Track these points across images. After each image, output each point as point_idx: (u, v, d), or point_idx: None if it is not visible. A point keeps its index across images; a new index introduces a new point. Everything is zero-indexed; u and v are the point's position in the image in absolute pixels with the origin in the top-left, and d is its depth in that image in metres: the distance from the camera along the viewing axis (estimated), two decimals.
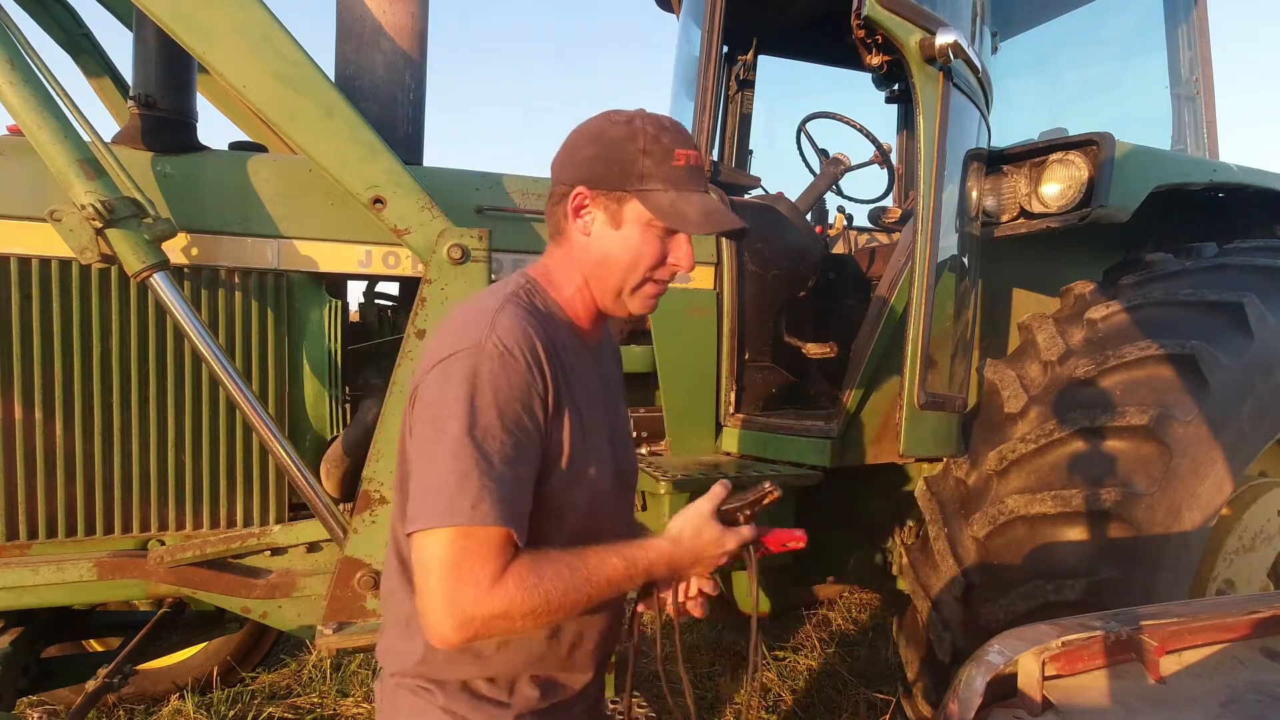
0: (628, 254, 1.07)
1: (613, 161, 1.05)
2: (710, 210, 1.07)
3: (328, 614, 1.78)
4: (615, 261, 1.08)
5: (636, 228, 1.06)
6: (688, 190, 1.06)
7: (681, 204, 1.05)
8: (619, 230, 1.07)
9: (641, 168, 1.04)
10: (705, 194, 1.09)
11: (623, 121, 1.07)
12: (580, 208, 1.09)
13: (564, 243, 1.14)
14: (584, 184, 1.08)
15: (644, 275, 1.08)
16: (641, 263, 1.07)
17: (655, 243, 1.07)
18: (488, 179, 2.15)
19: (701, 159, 1.10)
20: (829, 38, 3.17)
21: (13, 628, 1.99)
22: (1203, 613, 1.24)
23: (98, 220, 1.54)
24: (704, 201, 1.07)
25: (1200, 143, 3.15)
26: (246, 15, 1.65)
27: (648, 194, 1.05)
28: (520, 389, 0.97)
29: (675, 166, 1.06)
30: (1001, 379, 2.24)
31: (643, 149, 1.05)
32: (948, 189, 2.16)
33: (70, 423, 1.74)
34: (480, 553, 0.91)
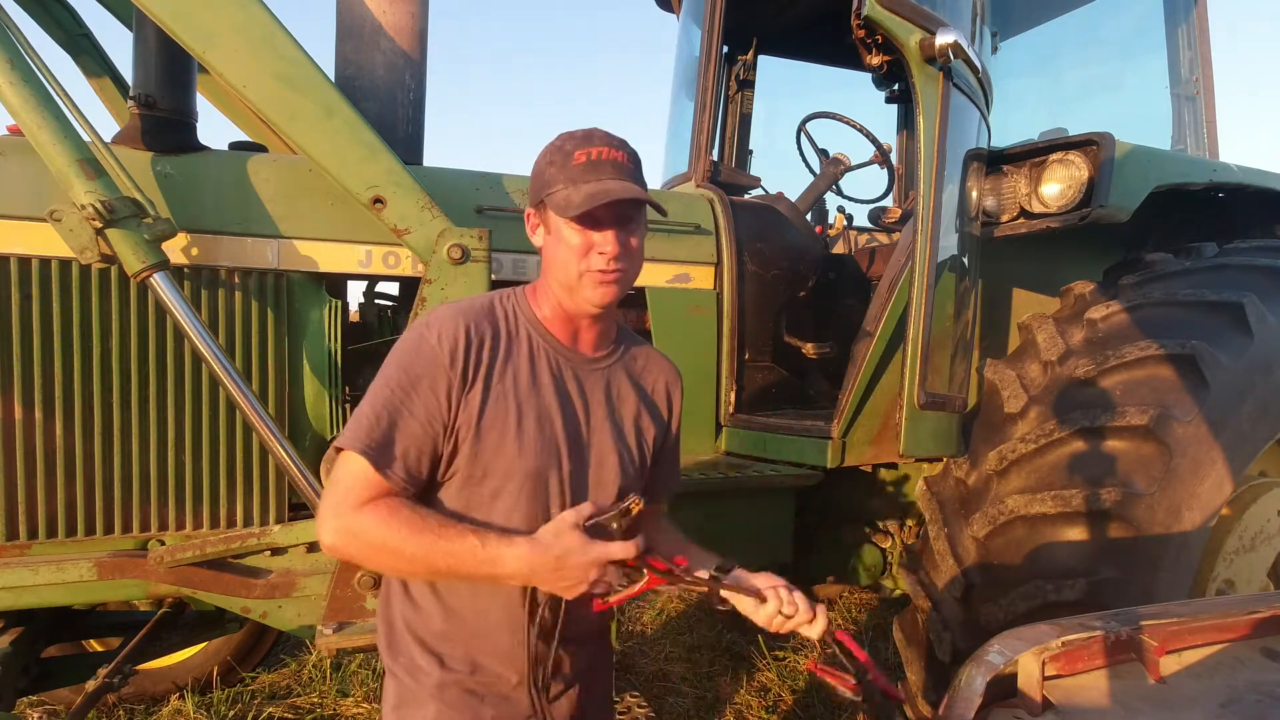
0: (559, 252, 1.17)
1: (536, 179, 1.20)
2: (594, 191, 1.12)
3: (328, 614, 1.78)
4: (554, 261, 1.19)
5: (560, 227, 1.16)
6: (582, 182, 1.13)
7: (572, 194, 1.12)
8: (551, 234, 1.19)
9: (548, 176, 1.16)
10: (602, 181, 1.14)
11: (547, 146, 1.20)
12: (533, 227, 1.24)
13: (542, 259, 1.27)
14: (530, 206, 1.24)
15: (579, 267, 1.15)
16: (571, 255, 1.15)
17: (578, 235, 1.14)
18: (488, 179, 2.16)
19: (612, 153, 1.16)
20: (829, 38, 3.17)
21: (13, 628, 1.99)
22: (1203, 613, 1.24)
23: (98, 220, 1.54)
24: (592, 187, 1.12)
25: (1200, 143, 3.15)
26: (246, 15, 1.65)
27: (552, 195, 1.15)
28: (426, 362, 1.14)
29: (573, 166, 1.14)
30: (1001, 379, 2.24)
31: (549, 160, 1.17)
32: (948, 189, 2.16)
33: (70, 423, 1.74)
34: (357, 475, 1.11)
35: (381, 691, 1.30)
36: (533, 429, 1.18)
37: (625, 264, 1.18)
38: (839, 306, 2.94)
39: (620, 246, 1.15)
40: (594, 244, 1.15)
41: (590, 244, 1.15)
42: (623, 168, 1.17)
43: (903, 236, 2.49)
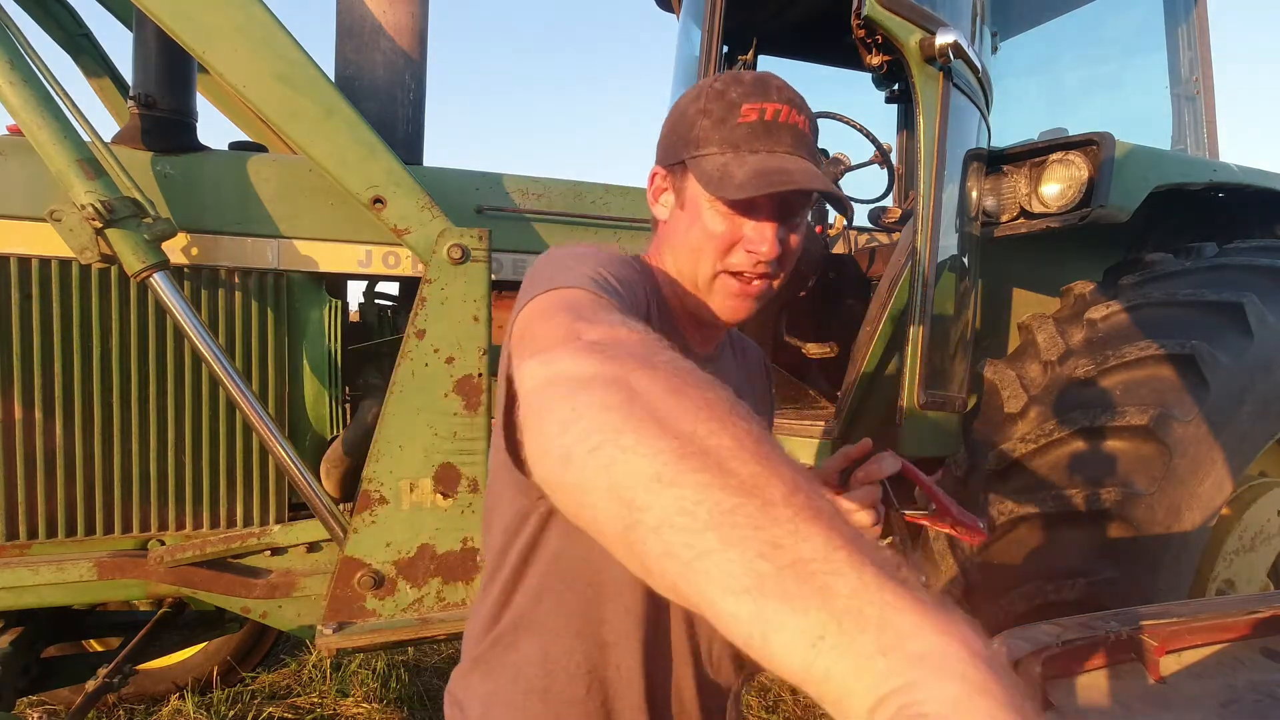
0: (692, 236, 0.87)
1: (676, 130, 0.89)
2: (766, 171, 0.81)
3: (328, 614, 1.78)
4: (682, 246, 0.89)
5: (700, 203, 0.86)
6: (748, 150, 0.83)
7: (733, 166, 0.82)
8: (684, 210, 0.88)
9: (699, 131, 0.85)
10: (777, 154, 0.83)
11: (698, 85, 0.90)
12: (657, 191, 0.93)
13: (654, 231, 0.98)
14: (659, 163, 0.92)
15: (714, 263, 0.87)
16: (708, 246, 0.86)
17: (724, 220, 0.85)
18: (488, 179, 2.15)
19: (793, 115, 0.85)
20: (829, 38, 3.17)
21: (13, 628, 1.98)
22: (1203, 613, 1.24)
23: (98, 220, 1.54)
24: (763, 161, 0.82)
25: (1200, 143, 3.14)
26: (246, 15, 1.65)
27: (700, 160, 0.85)
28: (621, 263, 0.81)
29: (739, 124, 0.84)
30: (1001, 379, 2.24)
31: (702, 107, 0.86)
32: (948, 189, 2.16)
33: (70, 423, 1.74)
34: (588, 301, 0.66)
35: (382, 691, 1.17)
36: None
37: (775, 269, 0.88)
38: (839, 306, 2.94)
39: (779, 246, 0.85)
40: (743, 237, 0.85)
41: (738, 235, 0.85)
42: (803, 139, 0.86)
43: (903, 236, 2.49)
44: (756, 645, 0.37)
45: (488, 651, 0.94)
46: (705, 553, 0.39)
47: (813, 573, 0.36)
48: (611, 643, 0.89)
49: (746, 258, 0.86)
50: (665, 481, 0.41)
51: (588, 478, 0.44)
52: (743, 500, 0.40)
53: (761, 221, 0.85)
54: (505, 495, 0.90)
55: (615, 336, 0.56)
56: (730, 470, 0.41)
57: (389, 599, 1.80)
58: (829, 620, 0.35)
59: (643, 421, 0.44)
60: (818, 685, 0.36)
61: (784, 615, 0.36)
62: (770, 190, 0.80)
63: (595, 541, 0.50)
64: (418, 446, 1.77)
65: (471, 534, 1.84)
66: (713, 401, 0.48)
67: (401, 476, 1.77)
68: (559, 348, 0.54)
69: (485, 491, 0.96)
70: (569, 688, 0.88)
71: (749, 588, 0.37)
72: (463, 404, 1.79)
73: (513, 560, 0.91)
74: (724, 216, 0.85)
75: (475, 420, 1.80)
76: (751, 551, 0.38)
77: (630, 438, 0.44)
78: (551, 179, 2.18)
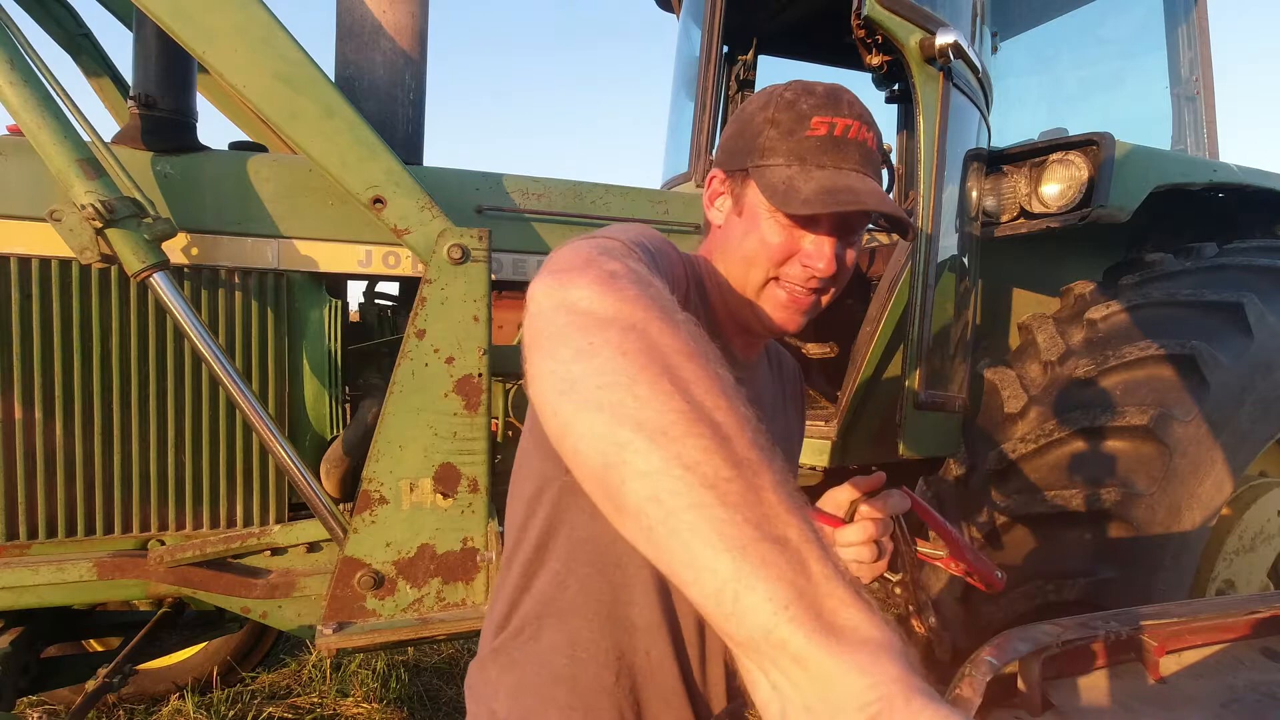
0: (748, 243, 0.87)
1: (741, 136, 0.89)
2: (833, 188, 0.81)
3: (328, 614, 1.78)
4: (735, 252, 0.89)
5: (760, 212, 0.86)
6: (815, 166, 0.83)
7: (799, 180, 0.82)
8: (742, 217, 0.89)
9: (765, 140, 0.85)
10: (844, 171, 0.83)
11: (767, 91, 0.90)
12: (714, 195, 0.94)
13: (706, 235, 0.99)
14: (719, 166, 0.93)
15: (767, 272, 0.87)
16: (762, 254, 0.86)
17: (782, 231, 0.85)
18: (488, 179, 2.15)
19: (862, 131, 0.85)
20: (829, 38, 3.17)
21: (13, 628, 1.98)
22: (1203, 613, 1.24)
23: (98, 220, 1.54)
24: (830, 178, 0.82)
25: (1200, 143, 3.15)
26: (246, 15, 1.65)
27: (764, 170, 0.85)
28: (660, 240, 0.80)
29: (807, 136, 0.83)
30: (1001, 379, 2.25)
31: (770, 118, 0.86)
32: (948, 189, 2.16)
33: (70, 423, 1.74)
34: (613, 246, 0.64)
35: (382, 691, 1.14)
36: None
37: (827, 285, 0.89)
38: (839, 306, 2.94)
39: (837, 262, 0.86)
40: (800, 250, 0.86)
41: (795, 247, 0.86)
42: (870, 156, 0.87)
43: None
44: (726, 600, 0.41)
45: (509, 642, 0.92)
46: (698, 505, 0.42)
47: (793, 551, 0.42)
48: (641, 627, 0.88)
49: (801, 271, 0.86)
50: (671, 437, 0.44)
51: (587, 411, 0.47)
52: (739, 474, 0.44)
53: (821, 236, 0.85)
54: (533, 464, 0.88)
55: (636, 274, 0.57)
56: (732, 447, 0.45)
57: (389, 599, 1.80)
58: (798, 596, 0.40)
59: (658, 377, 0.47)
60: (771, 649, 0.40)
61: (760, 579, 0.40)
62: (836, 209, 0.80)
63: None
64: (418, 446, 1.77)
65: (472, 534, 1.84)
66: (723, 379, 0.50)
67: (401, 476, 1.77)
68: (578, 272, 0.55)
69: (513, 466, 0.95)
70: (599, 675, 0.87)
71: (735, 546, 0.41)
72: (463, 404, 1.79)
73: (533, 537, 0.89)
74: (783, 228, 0.85)
75: (475, 420, 1.80)
76: (742, 517, 0.42)
77: (645, 389, 0.46)
78: (551, 179, 2.19)
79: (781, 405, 1.06)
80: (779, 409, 1.05)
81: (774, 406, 1.03)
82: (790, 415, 1.09)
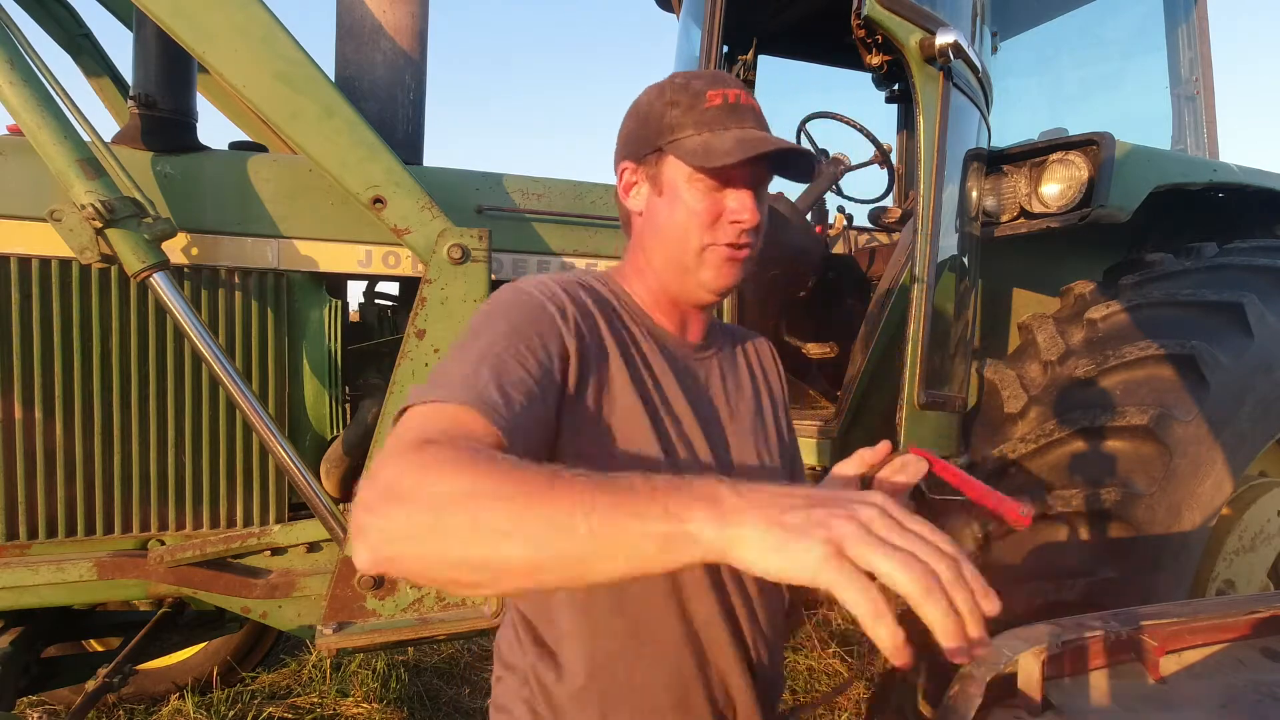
0: (676, 217, 0.93)
1: (645, 125, 0.95)
2: (746, 138, 0.89)
3: (328, 614, 1.78)
4: (666, 230, 0.95)
5: (679, 185, 0.93)
6: (721, 128, 0.91)
7: (714, 141, 0.90)
8: (663, 196, 0.95)
9: (670, 119, 0.93)
10: (746, 129, 0.91)
11: (655, 86, 0.98)
12: (628, 186, 1.00)
13: (629, 232, 1.03)
14: (627, 159, 0.99)
15: (701, 239, 0.93)
16: (693, 223, 0.92)
17: (704, 197, 0.92)
18: (488, 179, 2.16)
19: (749, 100, 0.94)
20: (829, 38, 3.17)
21: (13, 628, 1.99)
22: (1203, 613, 1.24)
23: (98, 220, 1.54)
24: (740, 134, 0.90)
25: (1200, 143, 3.15)
26: (246, 15, 1.65)
27: (678, 142, 0.92)
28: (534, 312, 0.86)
29: (708, 108, 0.92)
30: (1001, 379, 2.24)
31: (670, 101, 0.94)
32: (948, 189, 2.16)
33: (70, 423, 1.74)
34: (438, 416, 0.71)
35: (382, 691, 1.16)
36: (668, 427, 0.92)
37: (756, 239, 0.95)
38: (839, 306, 2.94)
39: (758, 214, 0.93)
40: (726, 209, 0.92)
41: (720, 209, 0.92)
42: (762, 119, 0.95)
43: (903, 236, 2.49)
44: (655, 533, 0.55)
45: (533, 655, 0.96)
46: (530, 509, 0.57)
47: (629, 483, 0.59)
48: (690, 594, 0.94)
49: (731, 229, 0.93)
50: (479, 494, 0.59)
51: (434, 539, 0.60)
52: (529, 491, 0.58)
53: (741, 191, 0.92)
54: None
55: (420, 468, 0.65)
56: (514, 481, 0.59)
57: (389, 599, 1.80)
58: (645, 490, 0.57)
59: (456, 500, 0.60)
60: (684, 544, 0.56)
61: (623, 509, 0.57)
62: (755, 152, 0.87)
63: None
64: None
65: None
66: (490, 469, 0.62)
67: None
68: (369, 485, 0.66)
69: None
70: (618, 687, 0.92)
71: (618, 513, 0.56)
72: None
73: None
74: (704, 194, 0.92)
75: None
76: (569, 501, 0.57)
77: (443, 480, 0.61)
78: (552, 179, 2.19)
79: (749, 381, 1.10)
80: (745, 385, 1.09)
81: (737, 386, 1.08)
82: (764, 389, 1.13)
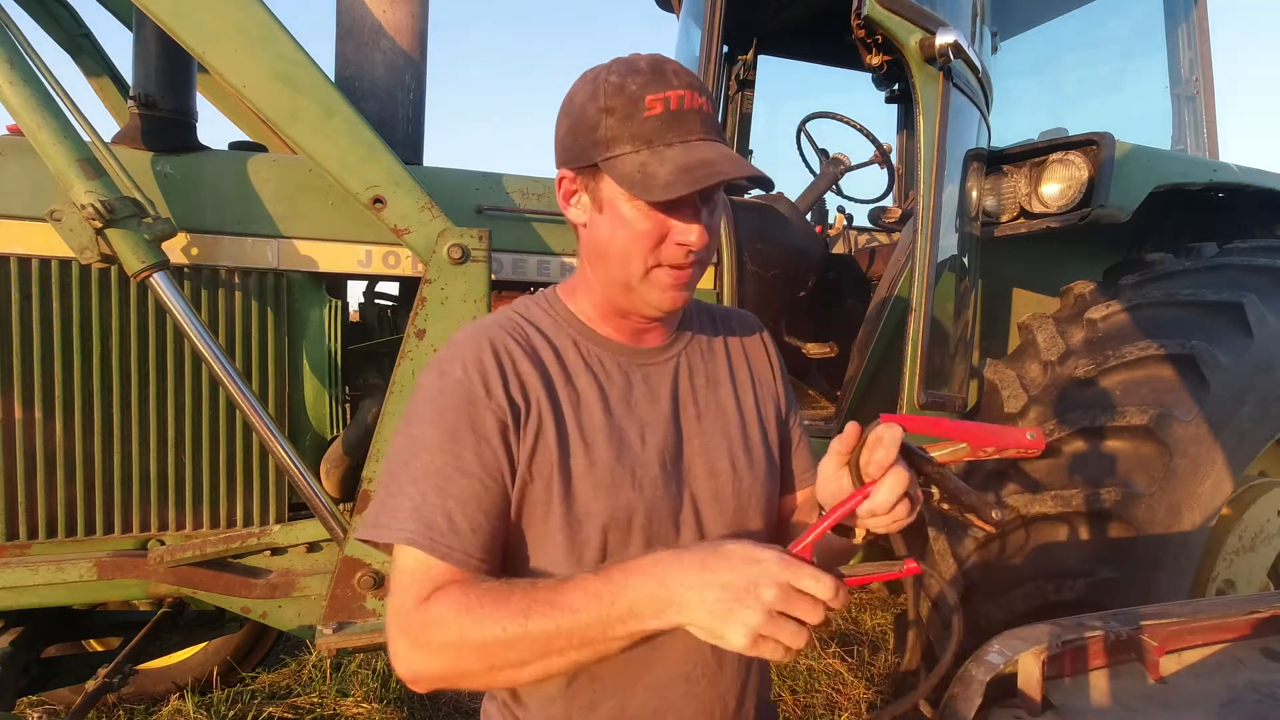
0: (617, 238, 0.86)
1: (580, 132, 0.86)
2: (688, 164, 0.81)
3: (328, 614, 1.78)
4: (608, 250, 0.87)
5: (619, 205, 0.85)
6: (662, 144, 0.82)
7: (653, 164, 0.81)
8: (603, 213, 0.87)
9: (605, 130, 0.83)
10: (691, 144, 0.83)
11: (589, 78, 0.87)
12: (568, 194, 0.91)
13: (577, 239, 0.96)
14: (565, 165, 0.90)
15: (645, 261, 0.86)
16: (636, 246, 0.85)
17: (646, 218, 0.84)
18: (488, 179, 2.15)
19: (695, 99, 0.84)
20: (829, 38, 3.17)
21: (13, 628, 1.99)
22: (1203, 613, 1.24)
23: (98, 220, 1.54)
24: (682, 154, 0.82)
25: (1200, 143, 3.15)
26: (246, 15, 1.65)
27: (614, 162, 0.83)
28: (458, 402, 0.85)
29: (646, 118, 0.82)
30: (1001, 379, 2.24)
31: (605, 107, 0.83)
32: (948, 189, 2.16)
33: (70, 423, 1.74)
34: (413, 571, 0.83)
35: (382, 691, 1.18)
36: (607, 457, 0.89)
37: (705, 255, 0.88)
38: (839, 306, 2.94)
39: (706, 233, 0.86)
40: (670, 231, 0.85)
41: (664, 230, 0.85)
42: (711, 121, 0.86)
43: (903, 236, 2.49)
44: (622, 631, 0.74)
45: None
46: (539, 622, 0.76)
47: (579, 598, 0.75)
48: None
49: (677, 250, 0.86)
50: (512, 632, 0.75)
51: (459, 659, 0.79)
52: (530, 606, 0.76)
53: (685, 211, 0.85)
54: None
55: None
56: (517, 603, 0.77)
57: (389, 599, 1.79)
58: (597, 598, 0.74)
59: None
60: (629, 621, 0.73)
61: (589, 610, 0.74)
62: (699, 186, 0.80)
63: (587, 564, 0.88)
64: None
65: None
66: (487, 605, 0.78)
67: None
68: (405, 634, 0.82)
69: None
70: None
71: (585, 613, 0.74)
72: None
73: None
74: (646, 215, 0.84)
75: None
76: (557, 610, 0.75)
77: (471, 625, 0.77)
78: (551, 179, 2.18)
79: (725, 370, 1.03)
80: (721, 377, 1.02)
81: (709, 381, 1.01)
82: (747, 373, 1.06)
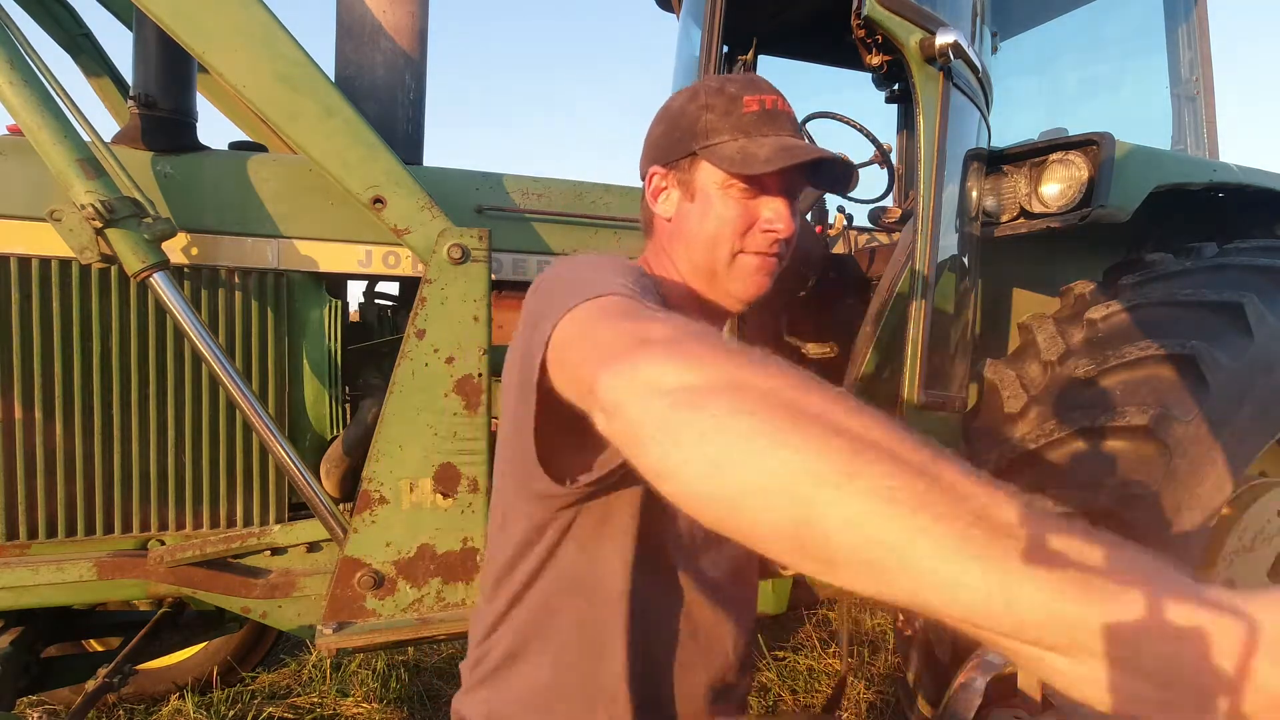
0: (707, 224, 0.91)
1: (677, 129, 0.94)
2: (786, 146, 0.87)
3: (328, 614, 1.78)
4: (696, 237, 0.93)
5: (712, 191, 0.91)
6: (759, 134, 0.89)
7: (752, 147, 0.88)
8: (694, 201, 0.93)
9: (705, 124, 0.91)
10: (782, 136, 0.90)
11: (687, 90, 0.96)
12: (657, 190, 0.98)
13: (653, 235, 1.02)
14: (656, 163, 0.97)
15: (732, 246, 0.91)
16: (724, 230, 0.90)
17: (737, 204, 0.90)
18: (488, 179, 2.15)
19: (785, 106, 0.93)
20: (829, 38, 3.17)
21: (13, 628, 1.99)
22: None
23: (98, 220, 1.54)
24: (779, 141, 0.88)
25: (1200, 143, 3.14)
26: (246, 15, 1.65)
27: (714, 148, 0.90)
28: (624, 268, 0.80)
29: (745, 114, 0.90)
30: (1001, 379, 2.24)
31: (705, 105, 0.92)
32: (948, 189, 2.15)
33: (70, 423, 1.74)
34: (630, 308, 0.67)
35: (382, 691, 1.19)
36: None
37: (787, 249, 0.94)
38: (839, 306, 2.94)
39: (793, 224, 0.92)
40: (759, 218, 0.90)
41: (754, 216, 0.90)
42: (799, 126, 0.95)
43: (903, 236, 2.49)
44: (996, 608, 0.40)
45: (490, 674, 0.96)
46: (920, 530, 0.41)
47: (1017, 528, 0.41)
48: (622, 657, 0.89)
49: (764, 238, 0.91)
50: (854, 476, 0.42)
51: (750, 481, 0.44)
52: (929, 484, 0.42)
53: (776, 199, 0.91)
54: (520, 509, 0.89)
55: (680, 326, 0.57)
56: (903, 459, 0.44)
57: (389, 599, 1.80)
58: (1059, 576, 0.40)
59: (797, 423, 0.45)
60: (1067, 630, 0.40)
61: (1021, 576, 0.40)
62: (796, 160, 0.86)
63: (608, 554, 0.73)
64: (418, 446, 1.77)
65: (472, 534, 1.84)
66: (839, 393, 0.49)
67: (401, 476, 1.77)
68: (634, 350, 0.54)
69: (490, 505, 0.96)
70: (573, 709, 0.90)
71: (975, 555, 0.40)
72: (463, 404, 1.79)
73: (523, 574, 0.90)
74: (738, 201, 0.91)
75: (475, 420, 1.80)
76: (962, 522, 0.41)
77: (796, 438, 0.44)
78: (552, 179, 2.18)
79: None
80: None
81: None
82: None
